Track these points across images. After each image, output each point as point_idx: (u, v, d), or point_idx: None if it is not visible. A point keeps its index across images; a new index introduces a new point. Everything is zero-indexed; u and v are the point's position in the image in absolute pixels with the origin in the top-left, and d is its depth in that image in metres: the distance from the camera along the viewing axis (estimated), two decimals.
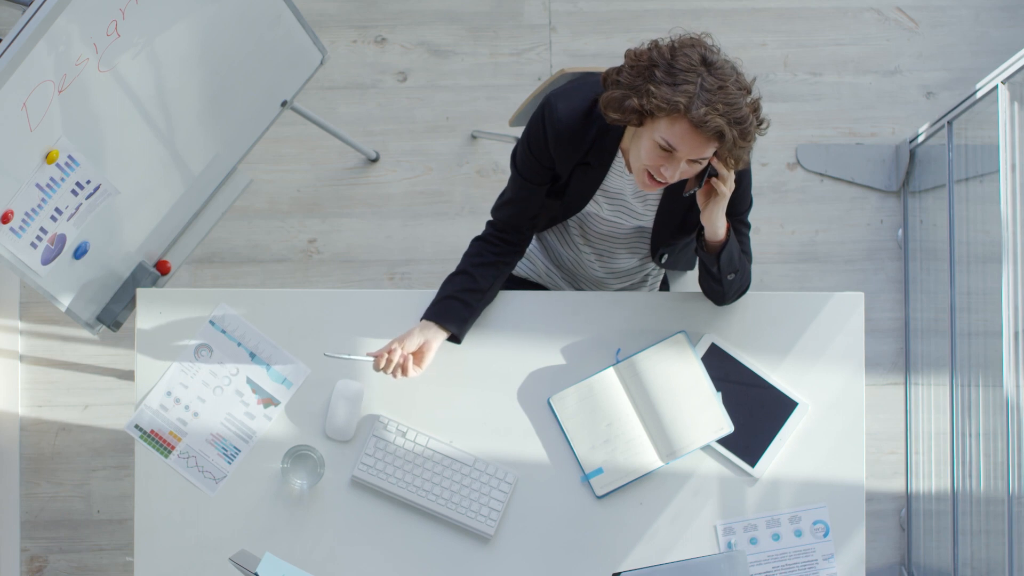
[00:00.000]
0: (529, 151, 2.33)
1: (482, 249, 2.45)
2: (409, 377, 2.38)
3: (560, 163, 2.32)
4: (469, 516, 2.44)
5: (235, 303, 2.51)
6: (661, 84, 2.10)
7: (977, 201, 3.07)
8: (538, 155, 2.32)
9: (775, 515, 2.47)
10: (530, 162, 2.34)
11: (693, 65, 2.09)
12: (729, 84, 2.10)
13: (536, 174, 2.36)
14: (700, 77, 2.09)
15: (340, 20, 3.47)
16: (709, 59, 2.10)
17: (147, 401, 2.48)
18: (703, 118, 2.08)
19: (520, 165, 2.36)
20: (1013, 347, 2.70)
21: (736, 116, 2.10)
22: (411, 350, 2.38)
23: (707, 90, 2.08)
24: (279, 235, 3.40)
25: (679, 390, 2.46)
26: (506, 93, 3.44)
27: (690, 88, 2.08)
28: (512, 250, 2.47)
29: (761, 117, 2.16)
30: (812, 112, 3.46)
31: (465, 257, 2.46)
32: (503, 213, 2.44)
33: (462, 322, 2.43)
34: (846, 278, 3.40)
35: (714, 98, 2.08)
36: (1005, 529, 2.72)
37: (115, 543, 3.28)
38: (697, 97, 2.08)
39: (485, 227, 2.48)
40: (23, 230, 2.31)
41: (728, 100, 2.09)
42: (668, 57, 2.11)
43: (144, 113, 2.45)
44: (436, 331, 2.41)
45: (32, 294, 3.33)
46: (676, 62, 2.10)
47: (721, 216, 2.27)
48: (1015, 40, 3.46)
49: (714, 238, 2.31)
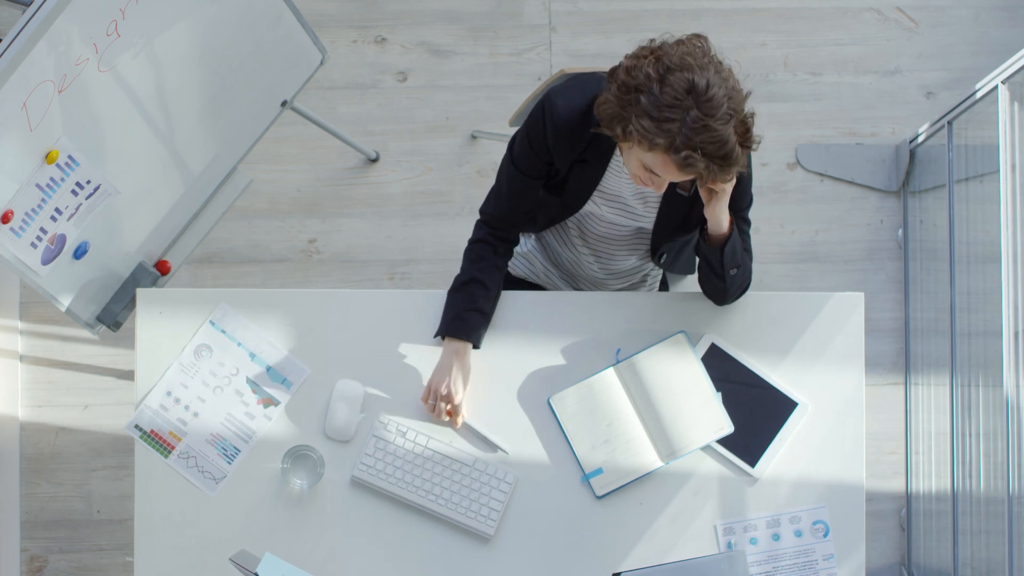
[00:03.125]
0: (529, 145, 2.33)
1: (483, 252, 2.45)
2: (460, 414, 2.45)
3: (558, 158, 2.32)
4: (469, 516, 2.44)
5: (235, 303, 2.51)
6: (644, 117, 2.04)
7: (977, 201, 3.07)
8: (537, 150, 2.32)
9: (775, 515, 2.47)
10: (528, 156, 2.34)
11: (679, 98, 2.02)
12: (717, 117, 2.02)
13: (533, 168, 2.36)
14: (685, 113, 2.02)
15: (340, 20, 3.47)
16: (697, 86, 2.02)
17: (147, 401, 2.48)
18: (684, 160, 2.04)
19: (517, 158, 2.36)
20: (1013, 347, 2.70)
21: (720, 153, 2.05)
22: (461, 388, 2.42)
23: (691, 128, 2.02)
24: (279, 235, 3.40)
25: (679, 390, 2.46)
26: (506, 93, 3.44)
27: (672, 127, 2.03)
28: (508, 248, 2.47)
29: (751, 137, 2.11)
30: (812, 112, 3.46)
31: (469, 264, 2.45)
32: (497, 208, 2.44)
33: (483, 331, 2.46)
34: (846, 278, 3.40)
35: (697, 138, 2.02)
36: (1005, 529, 2.72)
37: (115, 543, 3.28)
38: (679, 136, 2.03)
39: (477, 227, 2.47)
40: (23, 230, 2.31)
41: (712, 138, 2.03)
42: (657, 83, 2.04)
43: (144, 113, 2.45)
44: (467, 347, 2.43)
45: (32, 294, 3.33)
46: (663, 93, 2.03)
47: (724, 209, 2.27)
48: (1015, 40, 3.46)
49: (718, 231, 2.31)
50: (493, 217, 2.45)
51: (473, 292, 2.43)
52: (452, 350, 2.43)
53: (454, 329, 2.43)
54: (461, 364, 2.42)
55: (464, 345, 2.43)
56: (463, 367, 2.43)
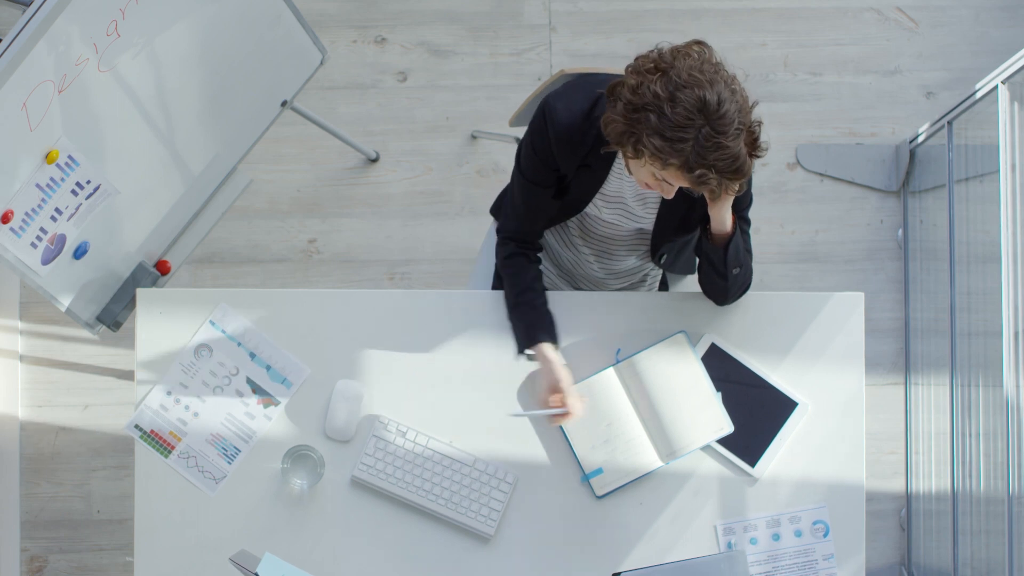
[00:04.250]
0: (535, 153, 2.32)
1: (519, 265, 2.45)
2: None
3: (563, 163, 2.32)
4: (469, 516, 2.44)
5: (235, 303, 2.51)
6: (655, 136, 2.03)
7: (977, 201, 3.07)
8: (543, 157, 2.31)
9: (775, 515, 2.47)
10: (536, 164, 2.33)
11: (691, 117, 2.01)
12: (728, 134, 2.02)
13: (544, 177, 2.35)
14: (697, 132, 2.01)
15: (340, 20, 3.47)
16: (709, 104, 2.01)
17: (147, 401, 2.48)
18: (698, 179, 2.04)
19: (526, 170, 2.35)
20: (1013, 347, 2.70)
21: (732, 168, 2.05)
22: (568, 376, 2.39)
23: (703, 147, 2.01)
24: (279, 235, 3.40)
25: (679, 390, 2.46)
26: (506, 93, 3.44)
27: (685, 147, 2.02)
28: (536, 251, 2.49)
29: (759, 146, 2.11)
30: (812, 112, 3.46)
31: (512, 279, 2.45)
32: (519, 224, 2.43)
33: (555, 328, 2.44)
34: (846, 278, 3.40)
35: (710, 156, 2.02)
36: (1005, 529, 2.72)
37: (115, 543, 3.28)
38: (692, 155, 2.02)
39: (502, 244, 2.46)
40: (23, 230, 2.31)
41: (725, 155, 2.03)
42: (667, 102, 2.02)
43: (144, 113, 2.45)
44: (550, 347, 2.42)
45: (32, 294, 3.33)
46: (674, 112, 2.01)
47: (728, 209, 2.27)
48: (1015, 40, 3.46)
49: (721, 230, 2.31)
50: (516, 233, 2.44)
51: (529, 300, 2.44)
52: (542, 357, 2.43)
53: (531, 338, 2.43)
54: (555, 361, 2.41)
55: (547, 346, 2.42)
56: (557, 362, 2.41)
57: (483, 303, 2.52)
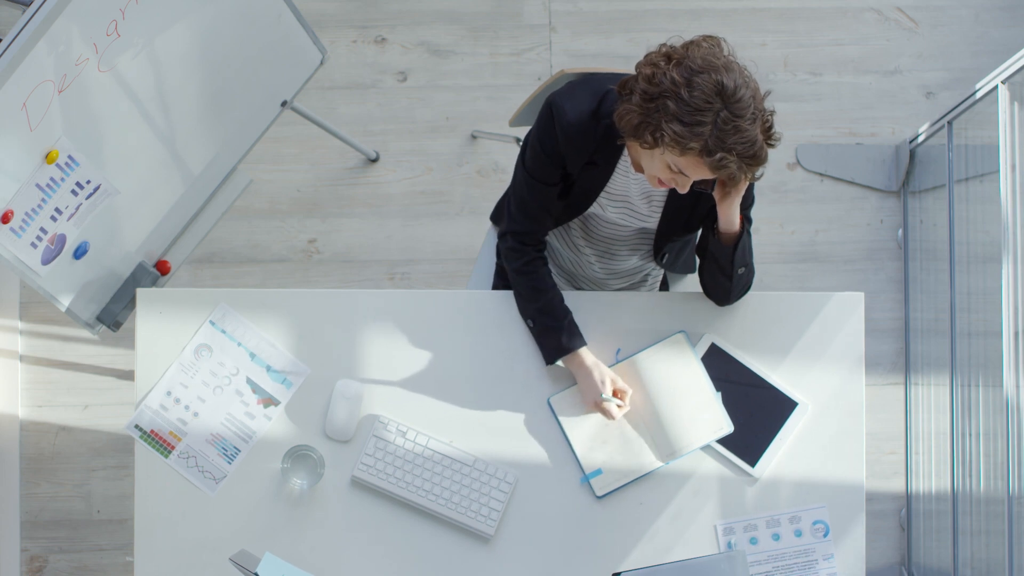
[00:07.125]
0: (543, 152, 2.31)
1: (532, 269, 2.45)
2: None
3: (571, 162, 2.32)
4: (469, 516, 2.44)
5: (235, 303, 2.52)
6: (674, 121, 2.05)
7: (977, 201, 3.07)
8: (551, 156, 2.31)
9: (775, 515, 2.47)
10: (543, 163, 2.33)
11: (709, 101, 2.03)
12: (745, 117, 2.04)
13: (550, 176, 2.35)
14: (715, 115, 2.04)
15: (340, 20, 3.47)
16: (726, 88, 2.04)
17: (147, 401, 2.48)
18: (718, 162, 2.06)
19: (532, 169, 2.35)
20: (1013, 347, 2.70)
21: (750, 152, 2.07)
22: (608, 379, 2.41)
23: (722, 130, 2.04)
24: (279, 235, 3.40)
25: (679, 390, 2.46)
26: (506, 93, 3.44)
27: (704, 131, 2.04)
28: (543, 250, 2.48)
29: (773, 134, 2.13)
30: (812, 112, 3.46)
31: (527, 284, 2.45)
32: (526, 224, 2.42)
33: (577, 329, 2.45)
34: (846, 278, 3.40)
35: (729, 140, 2.04)
36: (1005, 529, 2.72)
37: (115, 543, 3.28)
38: (711, 138, 2.04)
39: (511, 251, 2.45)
40: (23, 230, 2.31)
41: (743, 139, 2.05)
42: (684, 87, 2.04)
43: (144, 113, 2.45)
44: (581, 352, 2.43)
45: (32, 294, 3.33)
46: (692, 96, 2.04)
47: (737, 207, 2.27)
48: (1015, 40, 3.46)
49: (730, 229, 2.31)
50: (524, 234, 2.43)
51: (549, 304, 2.44)
52: (575, 364, 2.43)
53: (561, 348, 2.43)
54: (590, 365, 2.42)
55: (577, 353, 2.43)
56: (593, 365, 2.42)
57: (483, 303, 2.52)
